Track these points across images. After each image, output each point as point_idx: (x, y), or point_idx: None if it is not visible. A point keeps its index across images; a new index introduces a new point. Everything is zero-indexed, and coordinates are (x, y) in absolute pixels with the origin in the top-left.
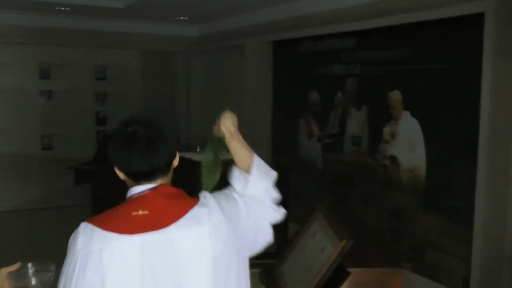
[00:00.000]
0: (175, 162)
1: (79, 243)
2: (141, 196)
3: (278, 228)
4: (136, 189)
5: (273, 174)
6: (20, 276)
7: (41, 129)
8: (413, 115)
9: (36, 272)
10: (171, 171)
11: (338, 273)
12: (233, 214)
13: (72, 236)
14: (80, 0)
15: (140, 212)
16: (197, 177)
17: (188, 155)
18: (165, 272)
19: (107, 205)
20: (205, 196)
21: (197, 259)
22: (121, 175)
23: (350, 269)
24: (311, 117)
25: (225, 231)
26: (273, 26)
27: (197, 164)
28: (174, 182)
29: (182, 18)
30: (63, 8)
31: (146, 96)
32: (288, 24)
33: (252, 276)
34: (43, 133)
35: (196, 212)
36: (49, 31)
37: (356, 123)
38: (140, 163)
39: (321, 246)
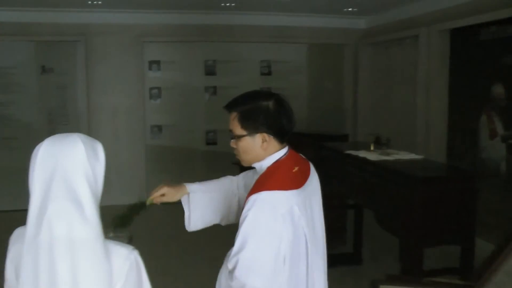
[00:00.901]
0: None
1: (279, 207)
2: (288, 156)
3: (462, 242)
4: (281, 152)
5: None
6: None
7: (206, 125)
8: None
9: (115, 238)
10: None
11: None
12: None
13: (260, 207)
14: None
15: (296, 168)
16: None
17: (362, 154)
18: (314, 208)
19: None
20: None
21: (319, 195)
22: (267, 144)
23: None
24: (494, 113)
25: None
26: (452, 12)
27: (374, 164)
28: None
29: (350, 9)
30: (228, 4)
31: (311, 91)
32: (469, 9)
33: None
34: (208, 128)
35: (311, 164)
36: (215, 28)
37: None
38: (294, 122)
39: None
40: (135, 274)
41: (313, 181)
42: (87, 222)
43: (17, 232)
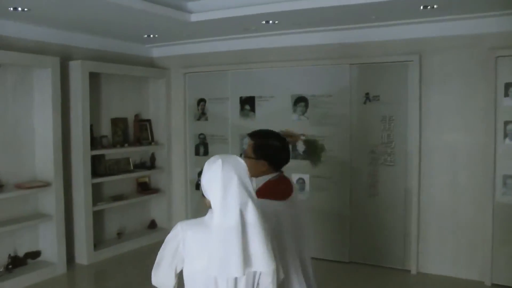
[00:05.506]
0: None
1: (266, 209)
2: (280, 177)
3: None
4: (272, 175)
5: None
6: None
7: None
8: None
9: None
10: None
11: None
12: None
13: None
14: None
15: (282, 187)
16: None
17: None
18: (292, 219)
19: None
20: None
21: (303, 213)
22: (264, 168)
23: None
24: None
25: None
26: None
27: None
28: None
29: None
30: None
31: None
32: None
33: None
34: None
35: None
36: None
37: None
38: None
39: None
40: None
41: (296, 197)
42: (257, 210)
43: (181, 224)
